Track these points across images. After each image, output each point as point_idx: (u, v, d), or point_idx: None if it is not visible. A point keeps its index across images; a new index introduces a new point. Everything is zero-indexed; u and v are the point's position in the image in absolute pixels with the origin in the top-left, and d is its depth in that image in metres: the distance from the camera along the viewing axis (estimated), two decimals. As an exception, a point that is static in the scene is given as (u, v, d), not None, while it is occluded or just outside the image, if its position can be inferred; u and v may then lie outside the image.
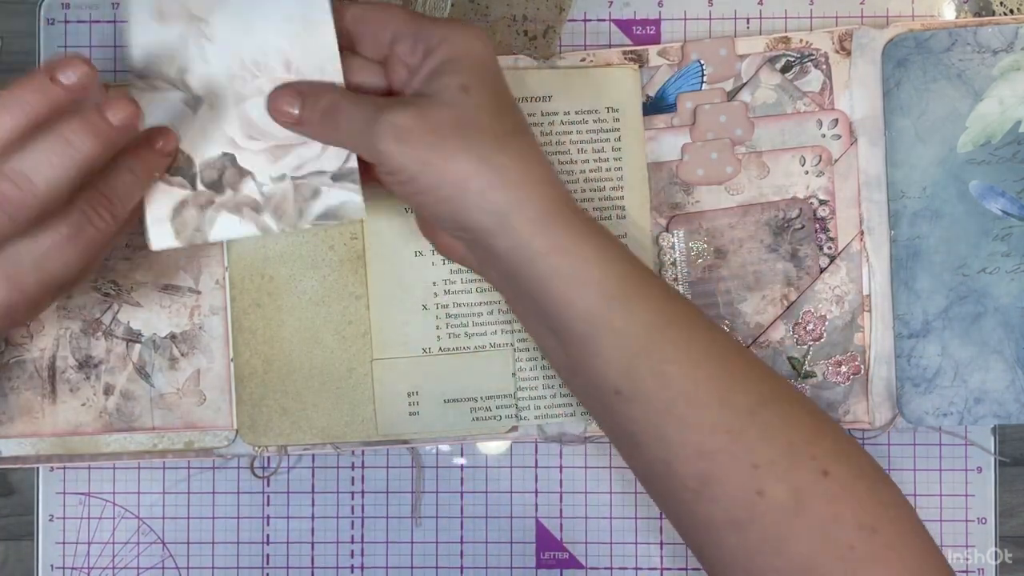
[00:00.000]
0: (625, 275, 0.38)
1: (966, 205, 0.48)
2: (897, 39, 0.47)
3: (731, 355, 0.38)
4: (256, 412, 0.49)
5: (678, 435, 0.37)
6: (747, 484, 0.36)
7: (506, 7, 0.49)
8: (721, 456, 0.37)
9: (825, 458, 0.37)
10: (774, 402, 0.38)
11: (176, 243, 0.41)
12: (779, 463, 0.36)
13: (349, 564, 0.51)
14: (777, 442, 0.37)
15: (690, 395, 0.37)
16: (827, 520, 0.36)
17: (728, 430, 0.37)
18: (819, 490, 0.36)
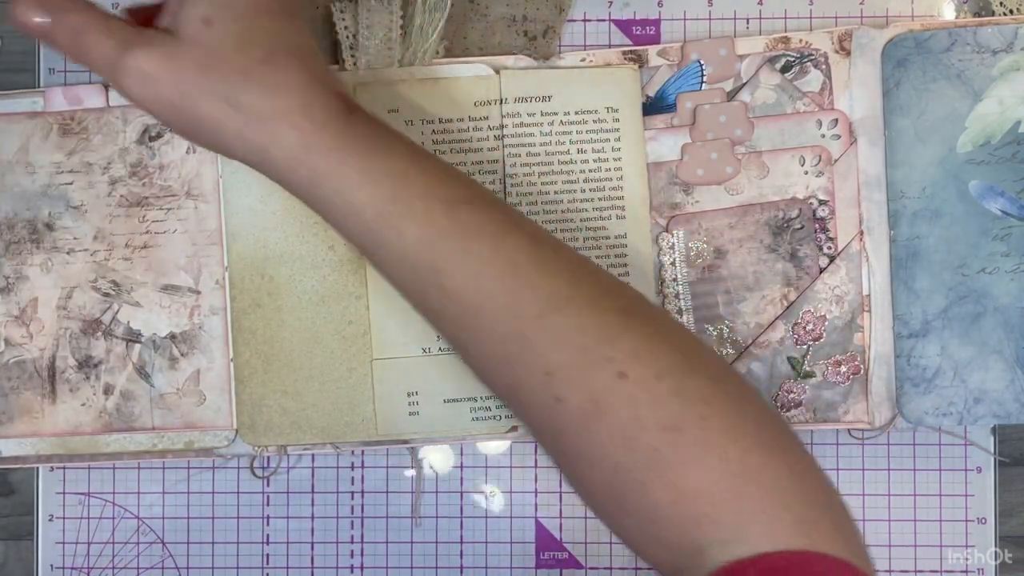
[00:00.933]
0: (393, 195, 0.36)
1: (966, 205, 0.48)
2: (897, 39, 0.47)
3: (521, 260, 0.36)
4: (256, 412, 0.49)
5: (476, 348, 0.37)
6: (544, 392, 0.35)
7: (506, 7, 0.49)
8: (516, 365, 0.36)
9: (623, 360, 0.34)
10: (567, 305, 0.35)
11: None
12: (572, 368, 0.35)
13: (349, 564, 0.51)
14: (569, 347, 0.35)
15: (472, 307, 0.36)
16: (627, 423, 0.34)
17: (515, 339, 0.35)
18: (617, 393, 0.34)
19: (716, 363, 0.37)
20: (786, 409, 0.49)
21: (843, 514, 0.36)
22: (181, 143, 0.49)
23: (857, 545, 0.34)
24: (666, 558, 0.35)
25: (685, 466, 0.34)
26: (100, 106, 0.49)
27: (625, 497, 0.35)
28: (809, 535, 0.33)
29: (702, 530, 0.34)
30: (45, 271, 0.49)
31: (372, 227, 0.36)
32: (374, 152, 0.36)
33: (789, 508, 0.34)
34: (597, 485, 0.36)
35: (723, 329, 0.49)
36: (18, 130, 0.49)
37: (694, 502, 0.34)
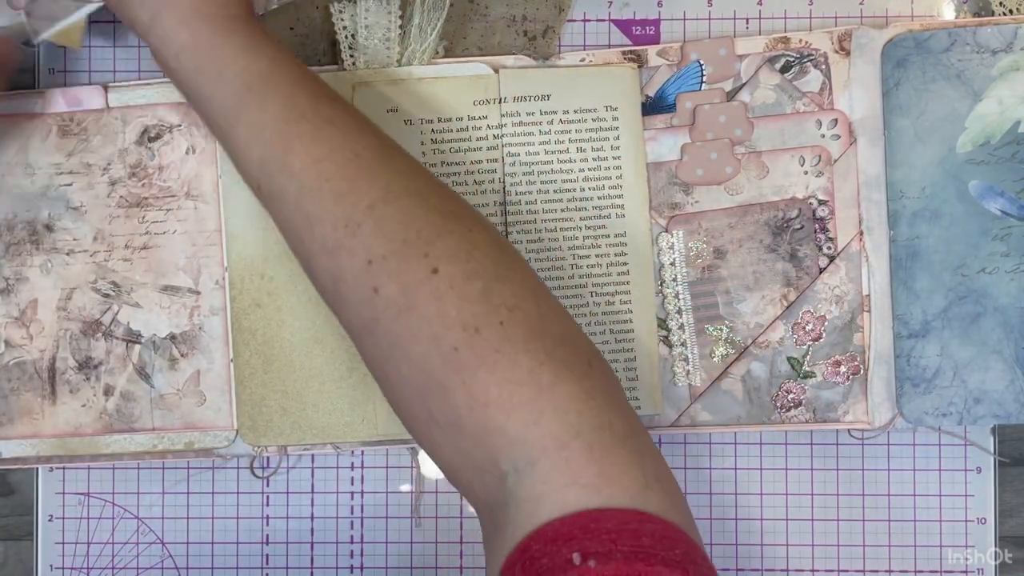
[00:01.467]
0: (267, 71, 0.39)
1: (965, 205, 0.48)
2: (896, 39, 0.47)
3: (364, 153, 0.38)
4: (256, 412, 0.49)
5: (307, 231, 0.38)
6: (364, 281, 0.37)
7: (506, 7, 0.49)
8: (341, 252, 0.37)
9: (439, 257, 0.36)
10: (398, 199, 0.37)
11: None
12: (391, 259, 0.36)
13: (349, 564, 0.51)
14: (392, 238, 0.36)
15: (312, 189, 0.38)
16: (434, 318, 0.35)
17: (346, 224, 0.37)
18: (427, 287, 0.36)
19: (531, 278, 0.38)
20: (786, 409, 0.49)
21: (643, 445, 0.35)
22: (181, 144, 0.49)
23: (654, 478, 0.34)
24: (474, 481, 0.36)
25: (479, 369, 0.35)
26: (99, 107, 0.49)
27: (431, 401, 0.36)
28: (599, 465, 0.33)
29: (498, 446, 0.34)
30: (45, 272, 0.49)
31: (239, 97, 0.39)
32: (256, 34, 0.40)
33: (579, 433, 0.34)
34: (407, 389, 0.37)
35: (723, 329, 0.49)
36: (17, 131, 0.49)
37: (486, 410, 0.34)
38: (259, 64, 0.39)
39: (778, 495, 0.51)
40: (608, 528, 0.32)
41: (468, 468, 0.36)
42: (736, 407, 0.49)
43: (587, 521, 0.32)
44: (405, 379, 0.37)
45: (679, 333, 0.49)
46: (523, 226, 0.48)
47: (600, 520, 0.32)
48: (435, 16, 0.48)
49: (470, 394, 0.35)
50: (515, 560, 0.32)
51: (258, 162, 0.39)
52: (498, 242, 0.39)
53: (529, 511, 0.33)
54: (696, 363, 0.49)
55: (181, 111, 0.49)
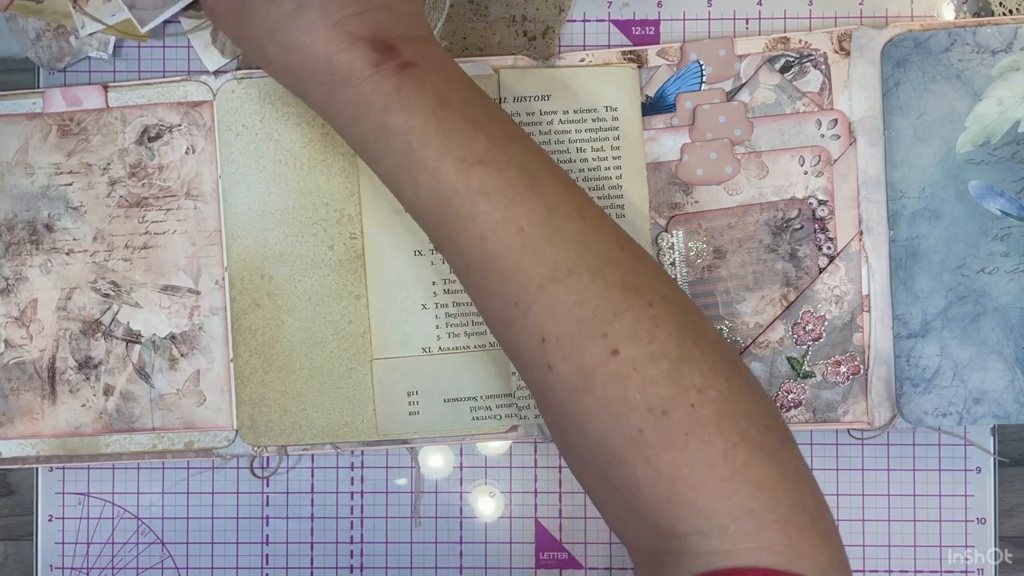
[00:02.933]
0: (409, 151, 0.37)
1: (965, 205, 0.48)
2: (896, 39, 0.47)
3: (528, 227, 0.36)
4: (256, 412, 0.49)
5: (480, 302, 0.38)
6: (538, 357, 0.36)
7: (505, 7, 0.49)
8: (515, 328, 0.36)
9: (618, 338, 0.35)
10: (568, 277, 0.35)
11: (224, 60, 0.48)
12: (564, 341, 0.35)
13: (348, 564, 0.51)
14: (565, 319, 0.35)
15: (481, 268, 0.37)
16: (615, 401, 0.34)
17: (516, 304, 0.36)
18: (607, 370, 0.34)
19: (719, 352, 0.36)
20: (786, 409, 0.49)
21: (830, 527, 0.35)
22: (181, 144, 0.49)
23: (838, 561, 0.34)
24: (644, 537, 0.35)
25: (668, 450, 0.34)
26: (99, 107, 0.49)
27: (608, 471, 0.35)
28: (791, 539, 0.33)
29: (681, 516, 0.34)
30: (45, 272, 0.49)
31: (392, 177, 0.38)
32: (393, 107, 0.37)
33: (774, 509, 0.33)
34: (582, 454, 0.36)
35: (723, 329, 0.49)
36: (17, 131, 0.49)
37: (674, 486, 0.34)
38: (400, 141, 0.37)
39: (778, 495, 0.51)
40: None
41: (638, 525, 0.36)
42: (736, 407, 0.49)
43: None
44: (581, 446, 0.36)
45: (679, 333, 0.49)
46: (523, 226, 0.48)
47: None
48: (435, 16, 0.48)
49: (655, 471, 0.34)
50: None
51: (428, 232, 0.39)
52: (683, 313, 0.37)
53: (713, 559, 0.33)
54: (696, 363, 0.49)
55: (181, 111, 0.49)
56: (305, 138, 0.48)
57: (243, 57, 0.49)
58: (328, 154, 0.48)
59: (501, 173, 0.36)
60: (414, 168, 0.37)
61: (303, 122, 0.48)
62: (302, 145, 0.48)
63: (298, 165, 0.48)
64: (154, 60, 0.50)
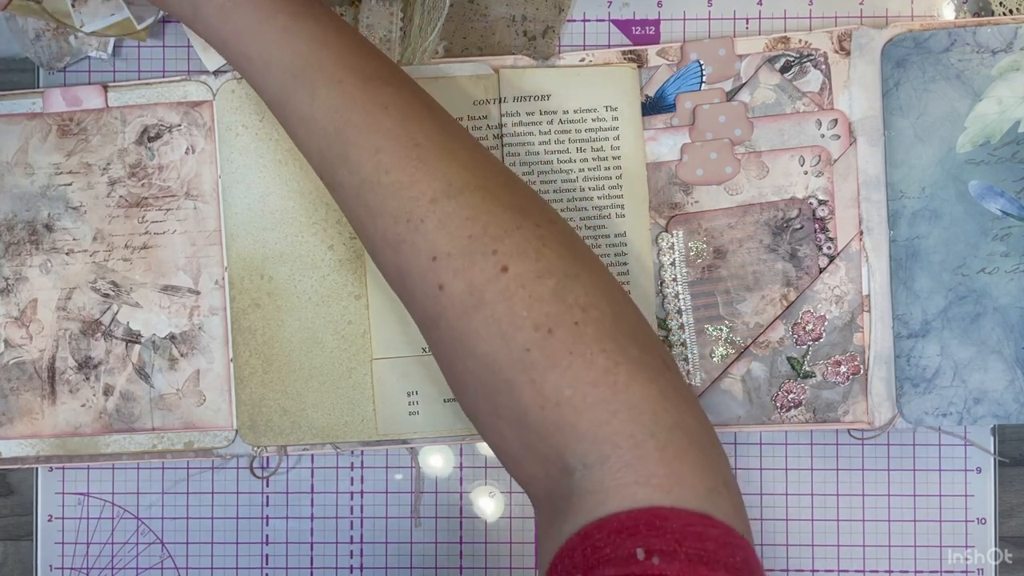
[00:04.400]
0: (311, 58, 0.37)
1: (965, 205, 0.48)
2: (896, 39, 0.47)
3: (424, 142, 0.36)
4: (256, 412, 0.49)
5: (370, 223, 0.37)
6: (429, 278, 0.36)
7: (506, 7, 0.49)
8: (404, 247, 0.36)
9: (508, 255, 0.35)
10: (462, 193, 0.36)
11: (223, 60, 0.47)
12: (456, 257, 0.35)
13: (348, 564, 0.51)
14: (457, 235, 0.35)
15: (372, 182, 0.36)
16: (503, 318, 0.34)
17: (408, 220, 0.36)
18: (496, 286, 0.34)
19: (603, 274, 0.37)
20: (786, 409, 0.49)
21: (713, 449, 0.35)
22: (180, 144, 0.49)
23: (723, 483, 0.34)
24: (537, 473, 0.35)
25: (552, 370, 0.34)
26: (99, 107, 0.49)
27: (497, 397, 0.35)
28: (671, 465, 0.33)
29: (567, 442, 0.34)
30: (44, 272, 0.49)
31: (286, 87, 0.38)
32: (299, 14, 0.37)
33: (654, 434, 0.33)
34: (471, 381, 0.36)
35: (723, 329, 0.49)
36: (17, 131, 0.49)
37: (558, 408, 0.34)
38: (302, 47, 0.37)
39: (778, 495, 0.51)
40: (673, 528, 0.31)
41: (531, 460, 0.36)
42: (736, 407, 0.49)
43: (653, 518, 0.32)
44: (470, 373, 0.36)
45: (679, 333, 0.49)
46: (523, 226, 0.48)
47: (667, 519, 0.32)
48: (435, 16, 0.48)
49: (540, 393, 0.34)
50: (575, 545, 0.32)
51: (316, 154, 0.38)
52: (569, 237, 0.37)
53: (595, 502, 0.33)
54: (696, 363, 0.49)
55: (181, 111, 0.49)
56: (305, 138, 0.48)
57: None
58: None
59: (400, 91, 0.37)
60: (316, 77, 0.37)
61: (303, 122, 0.48)
62: (302, 145, 0.48)
63: (298, 165, 0.48)
64: (154, 60, 0.50)
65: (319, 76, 0.37)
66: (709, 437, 0.35)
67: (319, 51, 0.37)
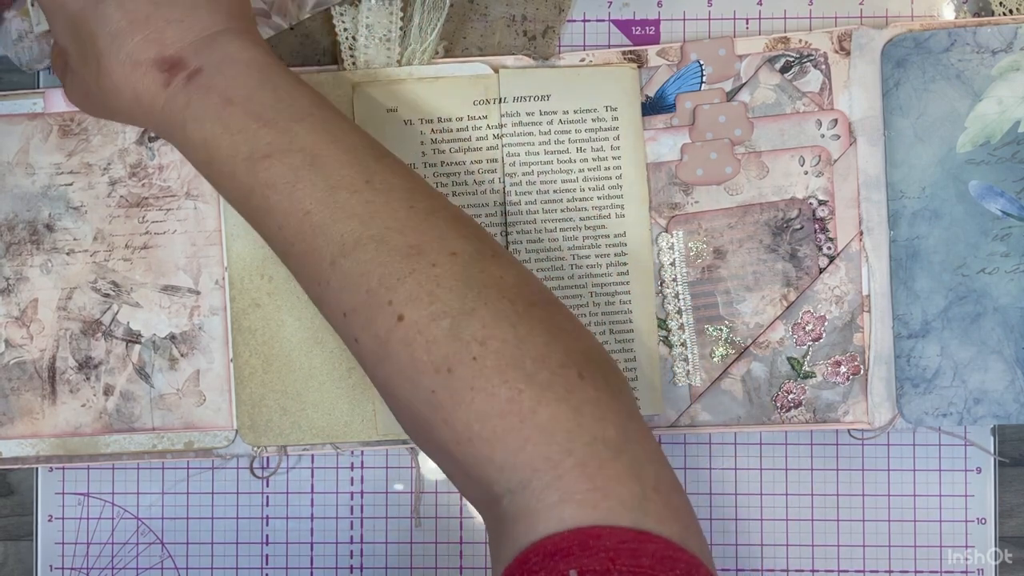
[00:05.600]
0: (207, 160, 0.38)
1: (965, 205, 0.48)
2: (896, 39, 0.47)
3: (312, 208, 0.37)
4: (256, 412, 0.49)
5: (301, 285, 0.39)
6: (345, 332, 0.38)
7: (506, 7, 0.49)
8: (323, 305, 0.38)
9: (401, 303, 0.35)
10: (354, 250, 0.36)
11: None
12: (360, 312, 0.36)
13: (348, 564, 0.51)
14: (356, 291, 0.36)
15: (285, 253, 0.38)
16: (406, 366, 0.35)
17: (318, 282, 0.37)
18: (396, 336, 0.35)
19: (508, 298, 0.36)
20: (786, 409, 0.49)
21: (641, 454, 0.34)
22: (181, 143, 0.49)
23: (651, 488, 0.33)
24: (477, 500, 0.36)
25: (458, 407, 0.34)
26: (100, 106, 0.49)
27: (420, 435, 0.37)
28: (593, 480, 0.33)
29: (488, 474, 0.34)
30: (45, 272, 0.49)
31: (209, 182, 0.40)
32: (188, 122, 0.38)
33: (571, 452, 0.33)
34: (401, 418, 0.38)
35: (723, 329, 0.49)
36: (18, 131, 0.49)
37: (472, 444, 0.34)
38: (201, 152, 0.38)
39: (778, 495, 0.51)
40: (606, 546, 0.31)
41: (468, 489, 0.37)
42: (736, 407, 0.49)
43: (585, 538, 0.32)
44: (398, 413, 0.38)
45: (679, 333, 0.49)
46: (523, 226, 0.48)
47: (599, 537, 0.31)
48: (435, 16, 0.48)
49: (453, 430, 0.34)
50: (513, 570, 0.32)
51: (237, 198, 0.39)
52: (470, 265, 0.37)
53: (527, 526, 0.33)
54: (696, 363, 0.49)
55: (181, 111, 0.49)
56: (305, 138, 0.48)
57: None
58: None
59: (283, 161, 0.37)
60: (215, 176, 0.39)
61: (303, 122, 0.48)
62: (302, 145, 0.48)
63: (298, 165, 0.48)
64: (154, 60, 0.50)
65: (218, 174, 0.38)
66: (635, 443, 0.35)
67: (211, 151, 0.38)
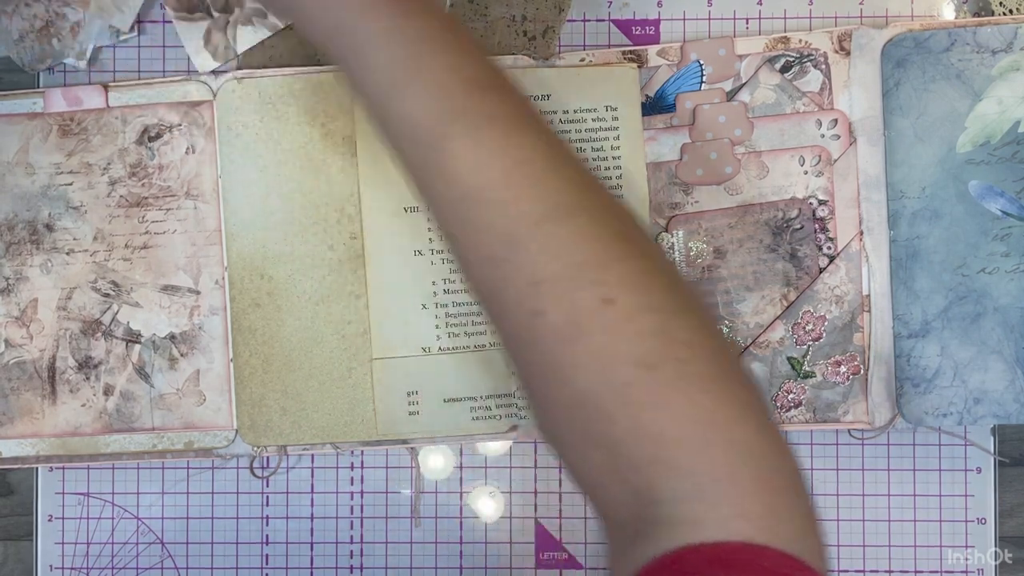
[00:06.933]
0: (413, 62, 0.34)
1: (965, 205, 0.48)
2: (896, 39, 0.47)
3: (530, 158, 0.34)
4: (256, 412, 0.49)
5: (465, 239, 0.35)
6: (526, 302, 0.34)
7: (505, 7, 0.49)
8: (504, 267, 0.34)
9: (614, 285, 0.33)
10: (570, 216, 0.33)
11: (215, 63, 0.49)
12: (559, 283, 0.33)
13: (348, 564, 0.51)
14: (561, 261, 0.33)
15: (474, 198, 0.34)
16: (604, 351, 0.33)
17: (509, 240, 0.34)
18: (598, 319, 0.33)
19: (704, 311, 0.36)
20: (786, 409, 0.49)
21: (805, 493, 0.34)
22: (181, 144, 0.49)
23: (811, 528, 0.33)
24: (622, 502, 0.34)
25: (654, 407, 0.33)
26: (99, 107, 0.49)
27: (590, 425, 0.34)
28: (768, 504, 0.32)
29: (661, 475, 0.33)
30: (45, 272, 0.49)
31: (386, 91, 0.35)
32: (404, 13, 0.35)
33: (754, 470, 0.33)
34: (563, 408, 0.35)
35: (723, 329, 0.49)
36: (18, 131, 0.49)
37: (656, 443, 0.33)
38: (404, 49, 0.34)
39: (778, 495, 0.51)
40: (766, 566, 0.31)
41: (617, 486, 0.34)
42: (736, 407, 0.49)
43: (749, 555, 0.31)
44: (562, 400, 0.35)
45: (679, 333, 0.49)
46: (523, 226, 0.48)
47: (762, 556, 0.31)
48: (435, 16, 0.48)
49: (639, 427, 0.33)
50: (666, 565, 0.32)
51: (413, 159, 0.36)
52: (671, 270, 0.36)
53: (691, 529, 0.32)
54: (696, 363, 0.49)
55: (181, 111, 0.49)
56: (305, 138, 0.48)
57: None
58: (328, 154, 0.48)
59: (507, 100, 0.35)
60: (421, 77, 0.34)
61: (303, 122, 0.48)
62: (302, 145, 0.48)
63: (298, 165, 0.48)
64: (154, 60, 0.50)
65: (421, 82, 0.35)
66: (803, 482, 0.35)
67: (422, 54, 0.34)
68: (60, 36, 0.49)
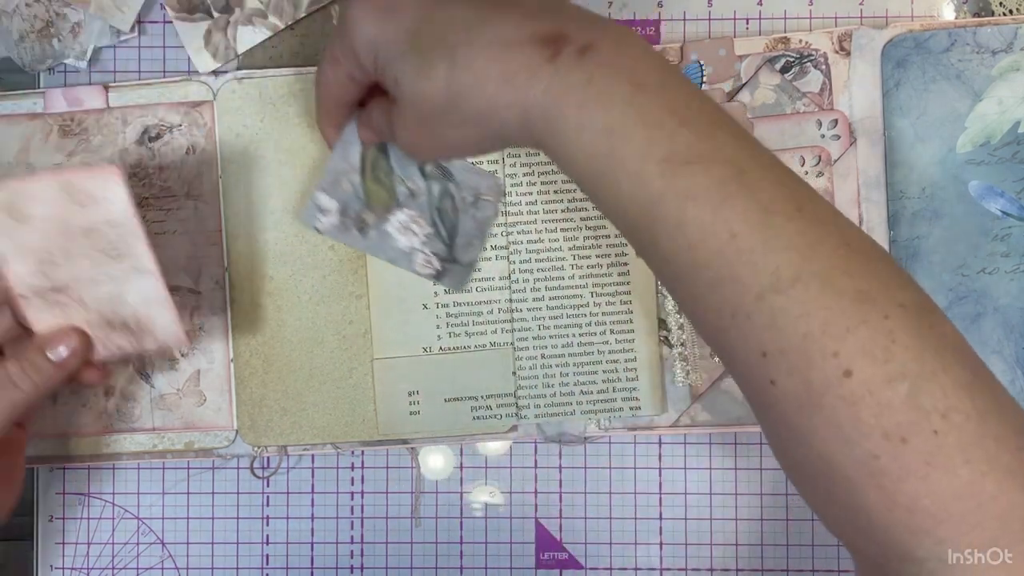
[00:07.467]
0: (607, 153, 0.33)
1: (965, 205, 0.48)
2: (896, 39, 0.47)
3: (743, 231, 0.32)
4: (256, 412, 0.49)
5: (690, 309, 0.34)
6: (756, 370, 0.33)
7: (506, 7, 0.49)
8: (731, 338, 0.33)
9: (850, 356, 0.31)
10: (792, 287, 0.31)
11: (215, 64, 0.49)
12: (790, 355, 0.31)
13: (349, 564, 0.51)
14: (789, 333, 0.31)
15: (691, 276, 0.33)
16: (846, 424, 0.31)
17: (732, 315, 0.32)
18: (838, 391, 0.31)
19: (962, 363, 0.32)
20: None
21: None
22: (181, 144, 0.49)
23: None
24: (872, 553, 0.33)
25: (906, 480, 0.31)
26: (100, 107, 0.49)
27: (833, 490, 0.33)
28: None
29: (919, 543, 0.31)
30: (45, 271, 0.49)
31: (591, 182, 0.34)
32: (588, 103, 0.33)
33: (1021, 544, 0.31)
34: (806, 469, 0.33)
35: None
36: (18, 131, 0.49)
37: (911, 514, 0.31)
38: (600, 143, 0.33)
39: (779, 495, 0.51)
40: None
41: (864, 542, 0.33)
42: (736, 407, 0.49)
43: None
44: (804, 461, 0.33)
45: (679, 333, 0.49)
46: (524, 226, 0.48)
47: None
48: (435, 16, 0.48)
49: (890, 499, 0.31)
50: None
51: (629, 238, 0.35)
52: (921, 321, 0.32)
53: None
54: (696, 363, 0.49)
55: (181, 111, 0.49)
56: (305, 138, 0.48)
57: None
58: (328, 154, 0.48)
59: (708, 172, 0.32)
60: (614, 171, 0.33)
61: (303, 122, 0.48)
62: (302, 145, 0.48)
63: (298, 165, 0.48)
64: (154, 60, 0.50)
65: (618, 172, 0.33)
66: None
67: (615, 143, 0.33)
68: (60, 36, 0.49)
